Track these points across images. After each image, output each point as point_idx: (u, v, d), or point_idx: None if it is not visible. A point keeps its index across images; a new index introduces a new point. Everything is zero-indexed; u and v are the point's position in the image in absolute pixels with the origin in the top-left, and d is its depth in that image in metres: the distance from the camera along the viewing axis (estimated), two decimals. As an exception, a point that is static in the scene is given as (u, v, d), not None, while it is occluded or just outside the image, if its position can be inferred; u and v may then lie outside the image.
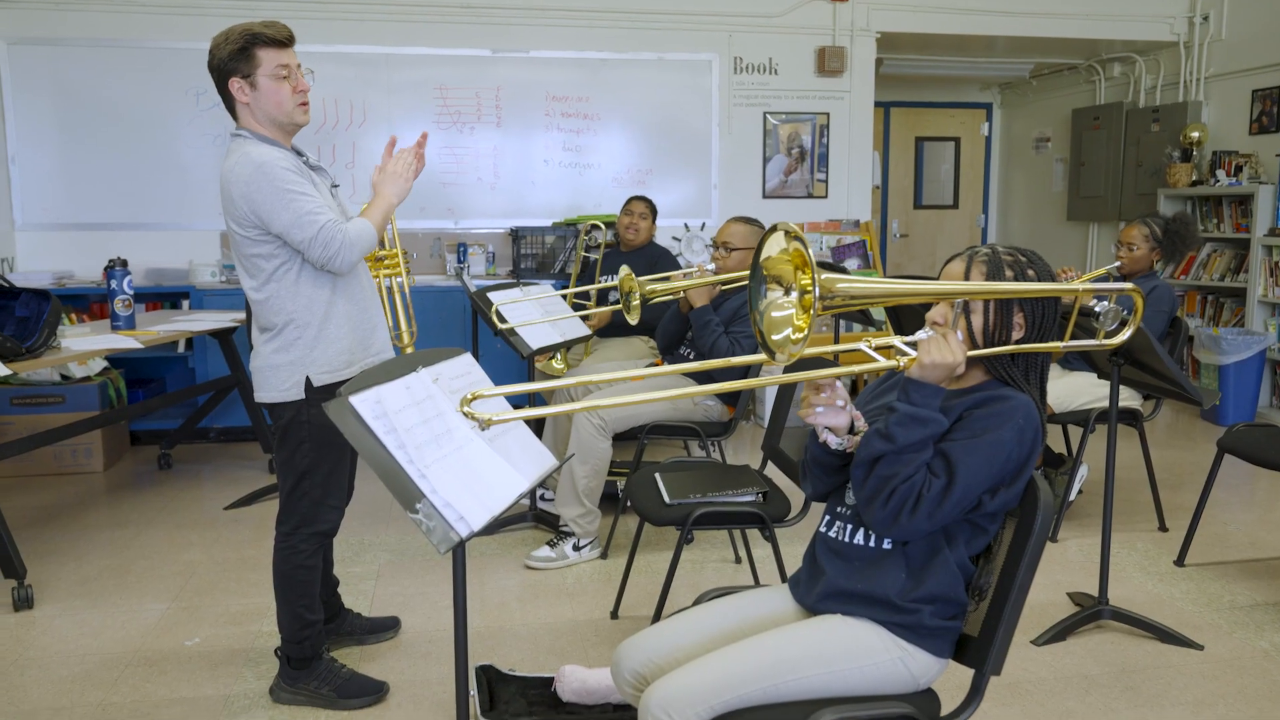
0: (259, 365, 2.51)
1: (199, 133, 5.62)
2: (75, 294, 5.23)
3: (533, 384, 1.43)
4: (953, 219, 8.99)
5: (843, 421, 1.73)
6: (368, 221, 2.51)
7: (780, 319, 1.58)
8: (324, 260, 2.39)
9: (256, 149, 2.38)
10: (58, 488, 4.60)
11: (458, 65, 5.91)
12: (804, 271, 1.53)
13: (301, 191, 2.37)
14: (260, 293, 2.46)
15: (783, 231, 1.55)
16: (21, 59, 5.44)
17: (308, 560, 2.56)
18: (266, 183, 2.33)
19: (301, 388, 2.46)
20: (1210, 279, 6.30)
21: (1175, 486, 4.50)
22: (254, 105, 2.42)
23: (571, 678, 2.44)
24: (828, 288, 1.52)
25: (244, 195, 2.35)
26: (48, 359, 3.28)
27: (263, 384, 2.50)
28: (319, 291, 2.47)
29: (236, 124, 2.49)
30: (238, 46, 2.38)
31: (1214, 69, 6.53)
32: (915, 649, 1.69)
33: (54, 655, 2.88)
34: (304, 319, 2.46)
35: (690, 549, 3.70)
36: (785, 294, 1.58)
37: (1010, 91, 8.70)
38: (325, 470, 2.54)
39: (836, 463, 1.78)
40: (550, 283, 4.85)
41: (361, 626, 2.97)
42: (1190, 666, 2.80)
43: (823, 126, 6.42)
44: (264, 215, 2.35)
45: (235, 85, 2.41)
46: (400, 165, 2.59)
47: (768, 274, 1.59)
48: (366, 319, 2.60)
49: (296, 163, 2.44)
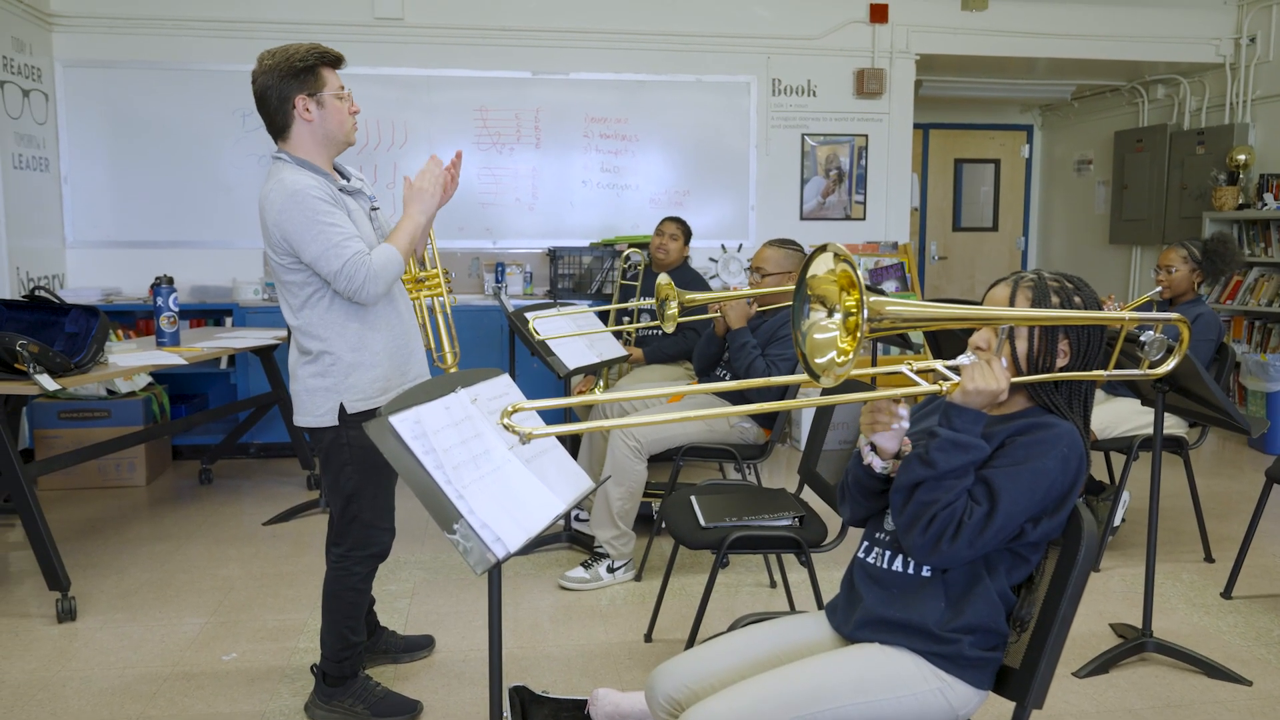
0: (297, 389, 2.51)
1: (244, 153, 5.72)
2: (122, 310, 5.33)
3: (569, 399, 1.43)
4: (992, 241, 8.91)
5: (894, 446, 1.71)
6: (393, 247, 2.45)
7: (824, 341, 1.57)
8: (350, 292, 2.37)
9: (293, 175, 2.37)
10: (101, 501, 4.67)
11: (498, 87, 5.98)
12: (850, 293, 1.53)
13: (331, 222, 2.34)
14: (296, 318, 2.46)
15: (832, 253, 1.55)
16: (75, 81, 5.58)
17: (360, 584, 2.57)
18: (299, 211, 2.32)
19: (336, 414, 2.46)
20: (1258, 304, 6.18)
21: (1221, 516, 4.40)
22: (318, 124, 2.42)
23: (605, 701, 2.43)
24: (877, 310, 1.51)
25: (276, 223, 2.35)
26: (95, 374, 3.34)
27: (301, 407, 2.51)
28: (350, 321, 2.46)
29: (278, 145, 2.48)
30: (306, 65, 2.38)
31: (1260, 91, 6.44)
32: (955, 680, 1.66)
33: (95, 667, 2.92)
34: (337, 347, 2.45)
35: (725, 572, 3.68)
36: (829, 315, 1.57)
37: (1051, 113, 8.62)
38: (372, 492, 2.54)
39: (878, 487, 1.76)
40: (587, 303, 4.87)
41: (396, 645, 2.97)
42: (1238, 703, 2.73)
43: (861, 148, 6.41)
44: (295, 244, 2.35)
45: (301, 103, 2.39)
46: (428, 182, 2.55)
47: (812, 293, 1.59)
48: (403, 346, 2.58)
49: (331, 190, 2.41)
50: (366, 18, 5.77)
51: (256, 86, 2.41)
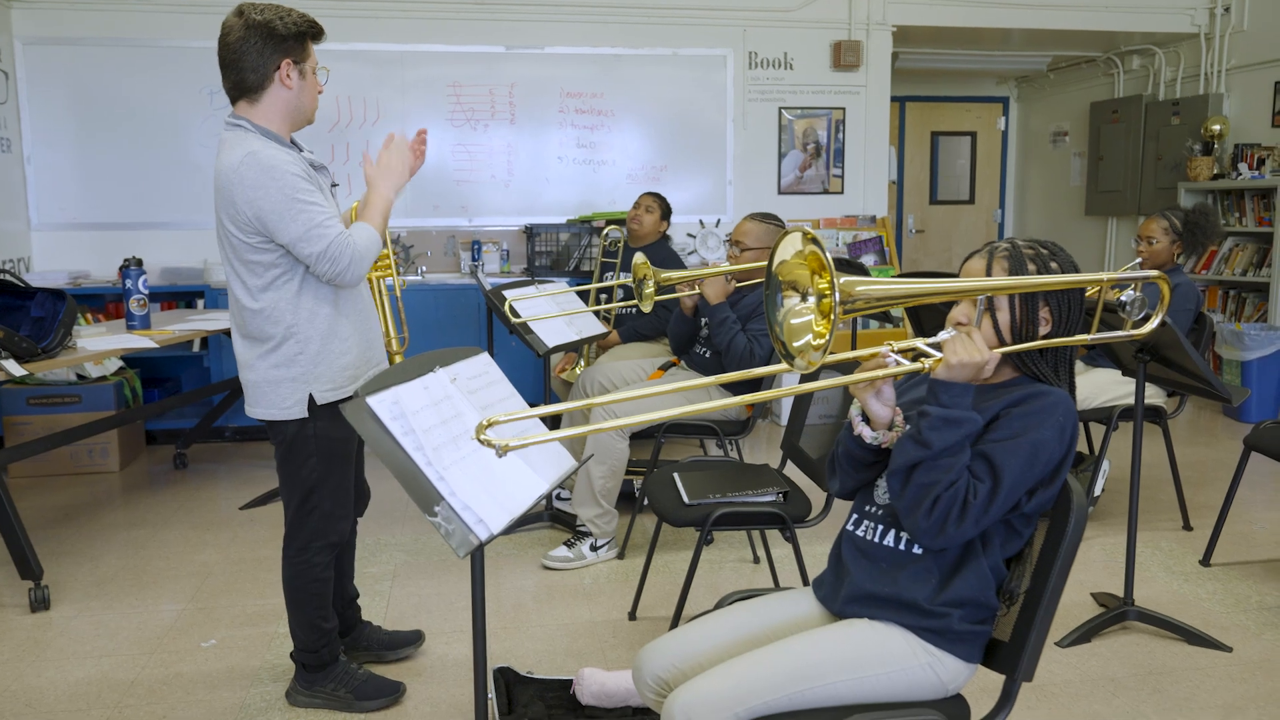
0: (254, 379, 2.35)
1: (212, 131, 5.61)
2: (91, 293, 5.23)
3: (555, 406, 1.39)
4: (969, 214, 8.92)
5: (885, 415, 1.68)
6: (369, 226, 2.35)
7: (799, 325, 1.53)
8: (332, 275, 2.25)
9: (263, 147, 2.22)
10: (73, 488, 4.60)
11: (472, 62, 5.89)
12: (821, 275, 1.48)
13: (311, 200, 2.22)
14: (257, 301, 2.30)
15: (799, 234, 1.51)
16: (37, 59, 5.45)
17: (323, 573, 2.49)
18: (276, 189, 2.18)
19: (304, 405, 2.34)
20: (1232, 274, 6.22)
21: (1199, 484, 4.44)
22: (295, 94, 2.30)
23: (590, 680, 2.41)
24: (848, 291, 1.47)
25: (249, 200, 2.19)
26: (63, 359, 3.27)
27: (260, 399, 2.36)
28: (321, 305, 2.33)
29: (237, 109, 2.31)
30: (300, 30, 2.27)
31: (1235, 61, 6.45)
32: (944, 654, 1.65)
33: (70, 657, 2.87)
34: (306, 333, 2.32)
35: (708, 549, 3.67)
36: (802, 300, 1.53)
37: (1027, 85, 8.62)
38: (334, 482, 2.45)
39: (870, 458, 1.74)
40: (565, 280, 4.82)
41: (380, 641, 2.83)
42: (1218, 669, 2.75)
43: (838, 121, 6.38)
44: (270, 224, 2.20)
45: (286, 68, 2.27)
46: (395, 159, 2.44)
47: (783, 280, 1.54)
48: (368, 331, 2.49)
49: (304, 166, 2.30)
50: (336, -8, 5.66)
51: (233, 38, 2.23)
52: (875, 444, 1.70)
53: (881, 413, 1.67)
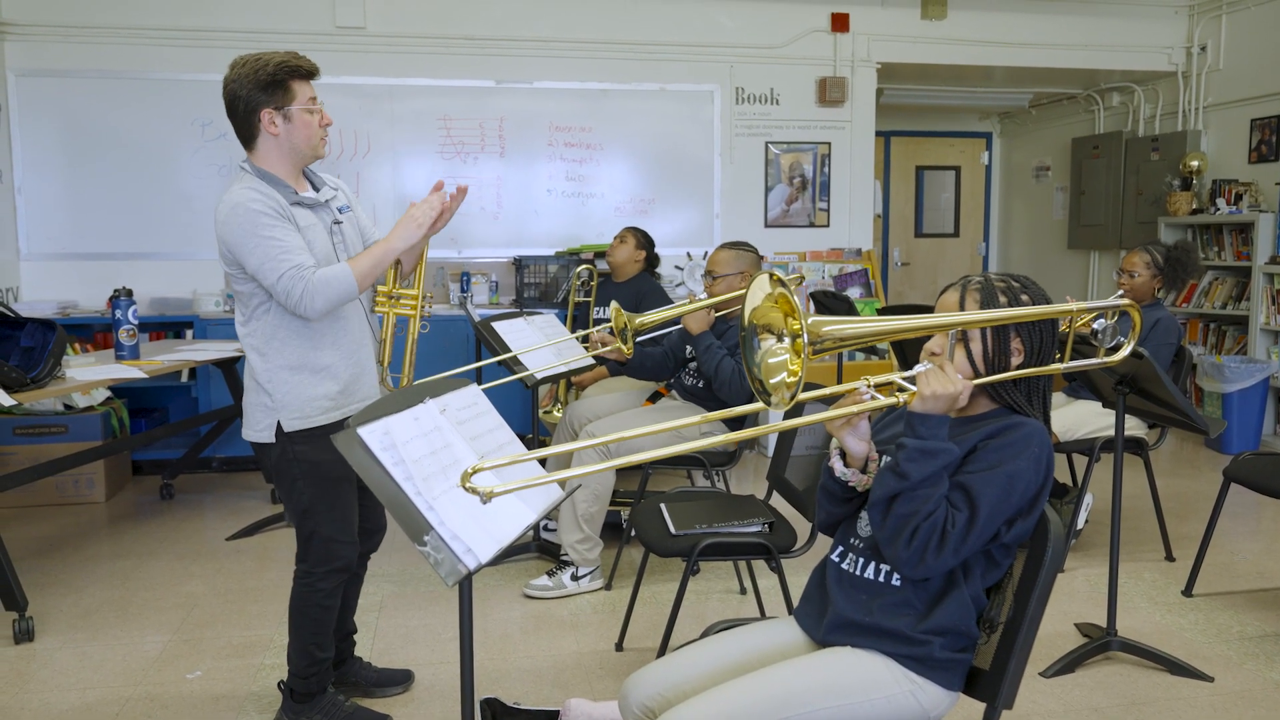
0: (245, 401, 2.49)
1: (204, 163, 5.65)
2: (80, 323, 5.24)
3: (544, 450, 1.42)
4: (954, 247, 9.02)
5: (861, 450, 1.72)
6: (348, 267, 2.37)
7: (775, 365, 1.59)
8: (290, 306, 2.32)
9: (242, 188, 2.34)
10: (59, 518, 4.58)
11: (461, 96, 5.96)
12: (794, 317, 1.53)
13: (270, 235, 2.29)
14: (244, 328, 2.45)
15: (766, 277, 1.56)
16: (29, 90, 5.48)
17: (325, 600, 2.51)
18: (238, 224, 2.29)
19: (273, 431, 2.41)
20: (1212, 307, 6.31)
21: (1181, 516, 4.48)
22: (283, 138, 2.37)
23: (578, 711, 2.42)
24: (815, 332, 1.52)
25: (220, 236, 2.34)
26: (52, 389, 3.28)
27: (245, 420, 2.49)
28: (292, 337, 2.40)
29: (247, 153, 2.43)
30: (273, 78, 2.32)
31: (1212, 98, 6.58)
32: (926, 682, 1.67)
33: (54, 689, 2.85)
34: (276, 362, 2.41)
35: (694, 580, 3.68)
36: (778, 340, 1.58)
37: (1010, 121, 8.75)
38: (327, 505, 2.46)
39: (844, 494, 1.78)
40: (554, 312, 4.86)
41: (369, 678, 2.81)
42: (1201, 699, 2.77)
43: (824, 156, 6.46)
44: (239, 256, 2.33)
45: (267, 117, 2.34)
46: (420, 212, 2.48)
47: (758, 324, 1.59)
48: (351, 365, 2.50)
49: (278, 204, 2.34)
50: (328, 26, 5.73)
51: (226, 93, 2.36)
52: (845, 481, 1.74)
53: (857, 448, 1.71)
